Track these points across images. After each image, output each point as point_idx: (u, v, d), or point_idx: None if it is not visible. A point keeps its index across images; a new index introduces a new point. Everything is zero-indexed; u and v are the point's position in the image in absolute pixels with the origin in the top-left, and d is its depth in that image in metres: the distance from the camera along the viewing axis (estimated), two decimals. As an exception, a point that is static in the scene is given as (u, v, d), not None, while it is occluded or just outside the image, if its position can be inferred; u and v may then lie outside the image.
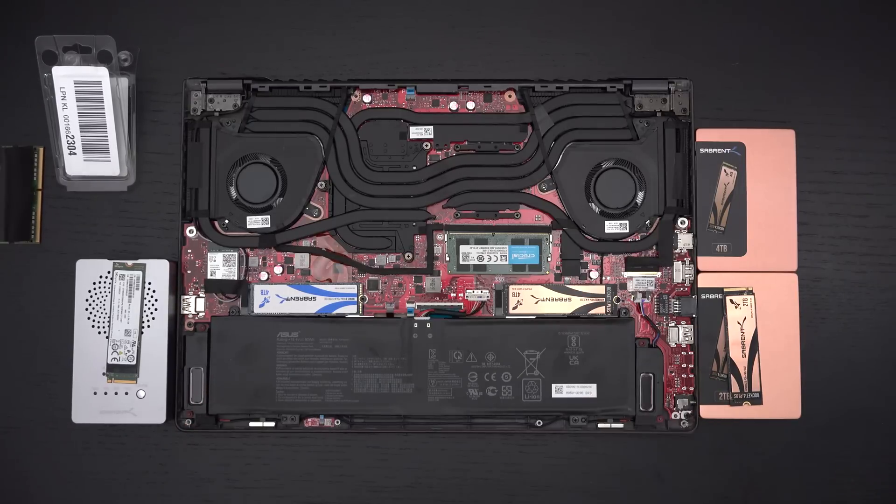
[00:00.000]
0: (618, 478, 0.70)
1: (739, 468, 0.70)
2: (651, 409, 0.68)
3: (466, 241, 0.70)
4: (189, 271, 0.70)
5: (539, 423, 0.69)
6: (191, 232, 0.70)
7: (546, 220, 0.70)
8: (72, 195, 0.71)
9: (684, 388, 0.69)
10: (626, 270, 0.70)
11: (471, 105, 0.70)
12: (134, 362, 0.68)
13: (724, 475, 0.70)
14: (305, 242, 0.70)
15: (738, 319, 0.69)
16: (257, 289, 0.69)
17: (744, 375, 0.69)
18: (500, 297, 0.69)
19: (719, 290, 0.69)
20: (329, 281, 0.70)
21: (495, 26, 0.72)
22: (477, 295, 0.70)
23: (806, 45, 0.72)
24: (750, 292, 0.69)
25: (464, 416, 0.69)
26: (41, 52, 0.68)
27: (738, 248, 0.69)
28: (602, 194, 0.69)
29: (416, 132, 0.70)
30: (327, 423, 0.69)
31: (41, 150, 0.71)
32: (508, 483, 0.70)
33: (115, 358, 0.68)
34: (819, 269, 0.71)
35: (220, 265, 0.69)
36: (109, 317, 0.68)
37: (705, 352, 0.69)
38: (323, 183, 0.70)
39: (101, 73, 0.67)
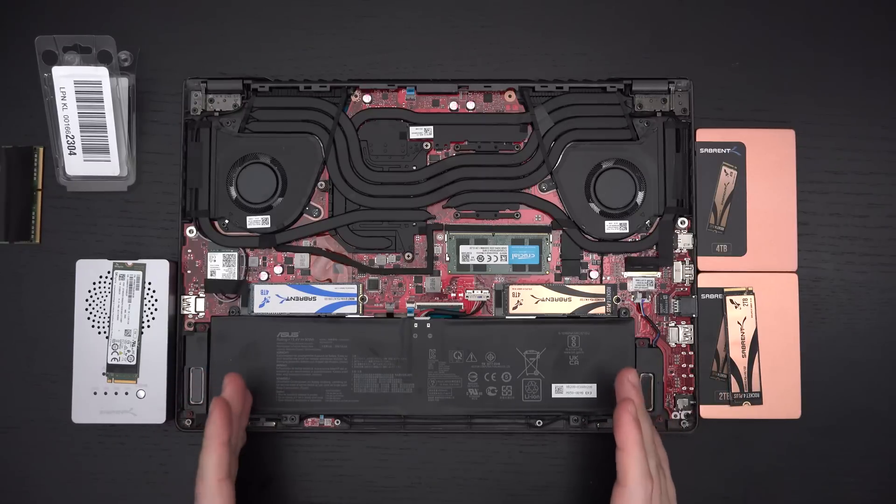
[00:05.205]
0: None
1: (739, 468, 0.70)
2: (651, 409, 0.68)
3: (466, 241, 0.70)
4: (189, 271, 0.70)
5: (539, 423, 0.69)
6: (191, 232, 0.70)
7: (546, 220, 0.70)
8: (72, 195, 0.71)
9: (684, 388, 0.69)
10: (626, 270, 0.70)
11: (471, 105, 0.70)
12: (134, 362, 0.68)
13: (724, 475, 0.70)
14: (305, 242, 0.70)
15: (738, 319, 0.69)
16: (257, 289, 0.69)
17: (744, 375, 0.69)
18: (500, 297, 0.69)
19: (719, 290, 0.69)
20: (329, 281, 0.70)
21: (495, 26, 0.72)
22: (477, 295, 0.70)
23: (806, 45, 0.72)
24: (750, 292, 0.69)
25: (464, 416, 0.69)
26: (41, 52, 0.68)
27: (738, 248, 0.69)
28: (602, 194, 0.69)
29: (416, 132, 0.70)
30: (327, 423, 0.69)
31: (41, 150, 0.71)
32: (508, 483, 0.70)
33: (115, 358, 0.68)
34: (819, 269, 0.71)
35: (220, 265, 0.69)
36: (109, 317, 0.68)
37: (705, 352, 0.69)
38: (323, 183, 0.70)
39: (101, 73, 0.67)
